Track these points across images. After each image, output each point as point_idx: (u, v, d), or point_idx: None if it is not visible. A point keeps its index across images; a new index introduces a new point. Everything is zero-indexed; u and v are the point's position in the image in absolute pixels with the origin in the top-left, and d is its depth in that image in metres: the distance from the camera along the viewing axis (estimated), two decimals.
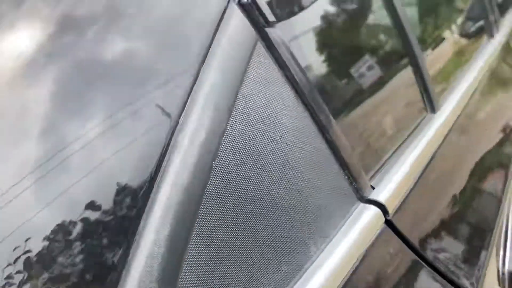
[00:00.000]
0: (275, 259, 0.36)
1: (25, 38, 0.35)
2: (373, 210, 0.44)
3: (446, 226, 0.52)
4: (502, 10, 1.19)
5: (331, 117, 0.38)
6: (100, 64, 0.35)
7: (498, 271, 0.58)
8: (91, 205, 0.32)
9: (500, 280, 0.60)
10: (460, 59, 0.78)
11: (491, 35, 0.98)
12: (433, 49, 0.71)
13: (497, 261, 0.60)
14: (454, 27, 0.83)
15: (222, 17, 0.31)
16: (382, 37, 0.52)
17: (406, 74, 0.56)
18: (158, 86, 0.33)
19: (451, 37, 0.78)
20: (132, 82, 0.34)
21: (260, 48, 0.33)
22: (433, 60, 0.67)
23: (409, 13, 0.56)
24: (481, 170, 0.67)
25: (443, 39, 0.74)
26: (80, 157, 0.33)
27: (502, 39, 1.00)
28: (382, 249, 0.40)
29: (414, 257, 0.45)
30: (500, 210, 0.63)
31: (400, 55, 0.55)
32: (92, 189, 0.33)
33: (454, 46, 0.78)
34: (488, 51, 0.88)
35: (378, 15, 0.52)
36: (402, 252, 0.43)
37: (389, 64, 0.55)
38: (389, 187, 0.43)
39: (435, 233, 0.51)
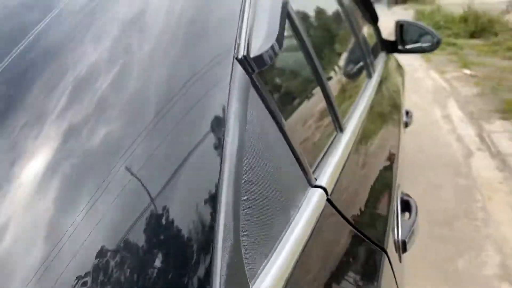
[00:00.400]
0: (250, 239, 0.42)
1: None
2: (319, 191, 0.57)
3: (364, 203, 0.69)
4: (375, 54, 1.48)
5: (287, 126, 0.53)
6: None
7: (394, 240, 0.76)
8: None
9: (397, 247, 0.78)
10: (349, 93, 1.00)
11: (369, 77, 1.24)
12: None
13: (393, 233, 0.79)
14: (340, 67, 1.05)
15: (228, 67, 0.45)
16: (304, 73, 0.69)
17: (322, 104, 0.73)
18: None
19: (338, 76, 0.99)
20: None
21: (250, 87, 0.47)
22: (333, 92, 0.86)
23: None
24: (379, 170, 0.88)
25: (333, 77, 0.94)
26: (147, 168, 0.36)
27: (376, 81, 1.25)
28: (326, 220, 0.55)
29: (348, 226, 0.60)
30: (392, 196, 0.83)
31: (317, 89, 0.72)
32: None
33: (340, 84, 0.97)
34: (369, 88, 1.10)
35: (299, 56, 0.69)
36: (339, 222, 0.57)
37: (312, 93, 0.72)
38: (326, 176, 0.58)
39: (359, 207, 0.66)
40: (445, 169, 3.02)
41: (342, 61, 1.13)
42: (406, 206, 0.87)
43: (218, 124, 0.38)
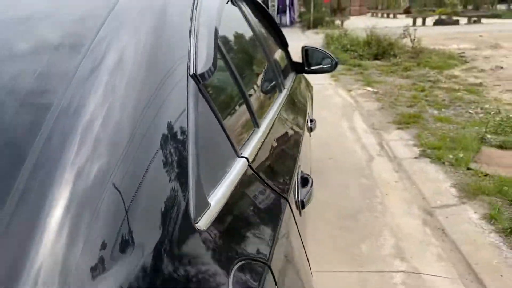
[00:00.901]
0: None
1: None
2: (243, 160, 0.82)
3: (275, 171, 0.98)
4: (285, 73, 1.89)
5: (222, 118, 0.78)
6: None
7: (296, 200, 1.06)
8: None
9: (297, 205, 1.08)
10: (264, 102, 1.34)
11: (280, 90, 1.60)
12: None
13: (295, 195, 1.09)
14: (257, 83, 1.40)
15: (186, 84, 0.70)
16: (232, 85, 0.98)
17: (244, 107, 1.03)
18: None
19: (256, 89, 1.34)
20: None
21: (198, 92, 0.73)
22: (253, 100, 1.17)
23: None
24: (285, 151, 1.21)
25: (252, 89, 1.27)
26: None
27: (285, 94, 1.63)
28: (247, 178, 0.81)
29: (263, 184, 0.87)
30: (294, 170, 1.13)
31: (241, 97, 1.02)
32: None
33: (258, 95, 1.31)
34: (279, 101, 1.45)
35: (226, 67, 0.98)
36: (256, 180, 0.84)
37: (238, 99, 1.00)
38: (248, 152, 0.84)
39: (271, 173, 0.95)
40: (351, 172, 3.48)
41: (259, 78, 1.45)
42: (305, 180, 1.17)
43: (181, 112, 0.64)
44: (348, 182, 3.29)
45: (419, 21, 20.06)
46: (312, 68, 2.32)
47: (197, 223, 0.55)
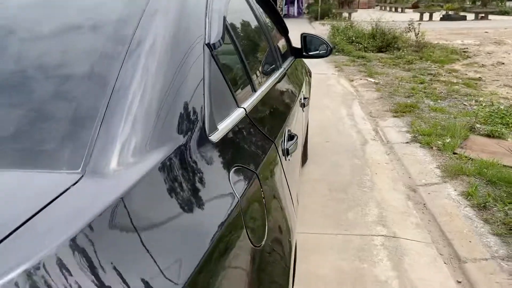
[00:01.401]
0: None
1: None
2: (241, 110, 1.09)
3: (267, 121, 1.27)
4: (285, 57, 2.21)
5: (224, 73, 1.05)
6: None
7: (282, 148, 1.35)
8: None
9: (284, 152, 1.36)
10: (263, 75, 1.62)
11: (277, 68, 1.88)
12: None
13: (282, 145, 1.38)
14: (259, 59, 1.69)
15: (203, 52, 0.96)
16: (236, 56, 1.26)
17: (246, 74, 1.30)
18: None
19: (258, 63, 1.63)
20: None
21: (211, 56, 1.00)
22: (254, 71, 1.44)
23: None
24: (276, 111, 1.51)
25: (255, 63, 1.56)
26: None
27: (282, 71, 1.92)
28: (244, 125, 1.07)
29: (258, 130, 1.13)
30: (283, 127, 1.42)
31: (244, 66, 1.30)
32: None
33: (258, 68, 1.60)
34: (275, 76, 1.73)
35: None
36: (251, 127, 1.10)
37: (241, 66, 1.28)
38: (245, 104, 1.11)
39: (264, 123, 1.22)
40: (346, 154, 3.75)
41: (258, 54, 1.72)
42: (291, 136, 1.44)
43: (200, 68, 0.92)
44: (342, 162, 3.57)
45: (426, 16, 20.14)
46: (310, 53, 2.59)
47: (210, 136, 0.83)
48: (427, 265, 2.22)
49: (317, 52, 2.57)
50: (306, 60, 3.20)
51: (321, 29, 13.81)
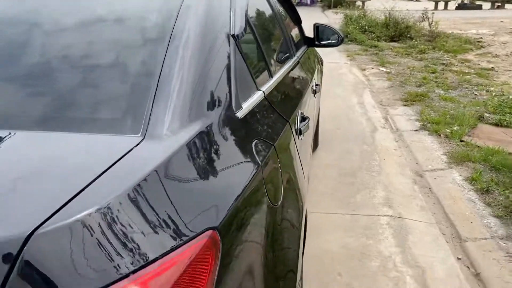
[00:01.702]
0: None
1: None
2: (260, 92, 1.25)
3: (284, 104, 1.43)
4: (298, 46, 2.36)
5: (246, 60, 1.21)
6: None
7: (295, 128, 1.50)
8: None
9: (297, 131, 1.52)
10: (279, 62, 1.77)
11: (291, 57, 2.02)
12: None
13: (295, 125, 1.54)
14: (275, 48, 1.83)
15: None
16: (255, 45, 1.41)
17: (264, 61, 1.46)
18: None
19: (275, 51, 1.78)
20: None
21: (236, 46, 1.16)
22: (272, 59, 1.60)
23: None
24: (290, 95, 1.66)
25: (272, 50, 1.71)
26: None
27: (295, 59, 2.06)
28: (262, 105, 1.22)
29: (274, 110, 1.29)
30: (296, 109, 1.57)
31: (262, 53, 1.44)
32: None
33: (274, 55, 1.76)
34: (289, 63, 1.87)
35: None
36: (268, 108, 1.25)
37: (260, 53, 1.44)
38: (264, 87, 1.25)
39: (280, 105, 1.38)
40: (355, 140, 3.89)
41: (275, 43, 1.87)
42: (303, 118, 1.59)
43: (226, 55, 1.07)
44: (351, 148, 3.71)
45: (441, 4, 19.91)
46: (322, 42, 2.72)
47: (236, 113, 0.99)
48: (429, 243, 2.36)
49: (329, 41, 2.70)
50: (319, 49, 3.33)
51: (334, 18, 13.79)
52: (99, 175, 0.63)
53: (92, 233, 0.55)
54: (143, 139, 0.75)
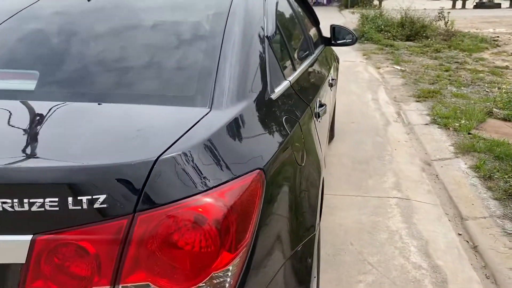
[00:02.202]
0: None
1: None
2: (287, 82, 1.53)
3: (305, 92, 1.74)
4: (317, 45, 2.66)
5: (278, 56, 1.52)
6: None
7: (315, 112, 1.82)
8: None
9: (315, 115, 1.84)
10: (300, 58, 2.07)
11: (311, 54, 2.33)
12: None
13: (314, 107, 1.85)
14: (299, 52, 2.15)
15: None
16: (284, 44, 1.73)
17: (289, 58, 1.78)
18: None
19: (297, 49, 2.10)
20: None
21: (268, 44, 1.48)
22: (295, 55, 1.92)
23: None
24: (310, 85, 1.97)
25: (295, 48, 2.04)
26: None
27: (314, 56, 2.37)
28: (288, 92, 1.53)
29: (298, 97, 1.60)
30: (315, 98, 1.87)
31: (288, 50, 1.76)
32: None
33: (297, 53, 2.07)
34: (309, 60, 2.17)
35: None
36: (293, 94, 1.55)
37: (286, 51, 1.75)
38: (290, 78, 1.55)
39: (304, 93, 1.68)
40: (369, 133, 4.17)
41: (298, 42, 2.19)
42: (321, 104, 1.91)
43: (262, 51, 1.38)
44: (365, 139, 3.99)
45: (459, 3, 19.91)
46: (338, 42, 3.02)
47: (271, 95, 1.31)
48: (433, 221, 2.65)
49: (344, 40, 2.99)
50: (336, 48, 3.62)
51: (350, 18, 14.01)
52: (189, 129, 0.95)
53: (190, 161, 0.86)
54: (210, 110, 1.07)
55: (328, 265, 2.17)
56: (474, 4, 19.93)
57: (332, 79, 2.77)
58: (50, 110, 1.06)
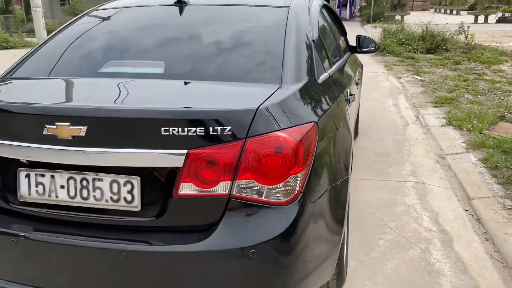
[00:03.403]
0: None
1: None
2: (327, 73, 2.03)
3: (338, 83, 2.31)
4: (345, 51, 3.20)
5: (320, 54, 2.07)
6: None
7: (346, 97, 2.34)
8: None
9: (346, 99, 2.36)
10: (333, 61, 2.60)
11: (341, 57, 2.86)
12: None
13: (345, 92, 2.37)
14: (332, 51, 2.69)
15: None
16: (322, 48, 2.28)
17: (327, 59, 2.33)
18: None
19: (332, 53, 2.65)
20: None
21: (313, 47, 2.04)
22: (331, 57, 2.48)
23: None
24: (342, 79, 2.50)
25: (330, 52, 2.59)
26: None
27: (344, 59, 2.89)
28: (328, 82, 2.06)
29: (336, 85, 2.15)
30: (345, 90, 2.43)
31: (326, 53, 2.32)
32: None
33: (332, 56, 2.61)
34: (340, 62, 2.70)
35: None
36: (332, 85, 2.12)
37: (324, 54, 2.30)
38: (329, 71, 2.10)
39: (336, 85, 2.24)
40: (389, 132, 4.66)
41: (331, 48, 2.75)
42: (351, 94, 2.44)
43: (310, 48, 1.94)
44: (385, 137, 4.49)
45: (481, 18, 20.18)
46: (363, 49, 3.55)
47: (318, 80, 1.85)
48: (443, 199, 3.12)
49: (368, 48, 3.53)
50: (360, 57, 4.16)
51: (372, 32, 14.51)
52: (270, 95, 1.50)
53: (276, 110, 1.42)
54: (280, 86, 1.62)
55: (355, 227, 2.68)
56: (497, 18, 20.18)
57: (358, 79, 3.30)
58: (178, 85, 1.66)
